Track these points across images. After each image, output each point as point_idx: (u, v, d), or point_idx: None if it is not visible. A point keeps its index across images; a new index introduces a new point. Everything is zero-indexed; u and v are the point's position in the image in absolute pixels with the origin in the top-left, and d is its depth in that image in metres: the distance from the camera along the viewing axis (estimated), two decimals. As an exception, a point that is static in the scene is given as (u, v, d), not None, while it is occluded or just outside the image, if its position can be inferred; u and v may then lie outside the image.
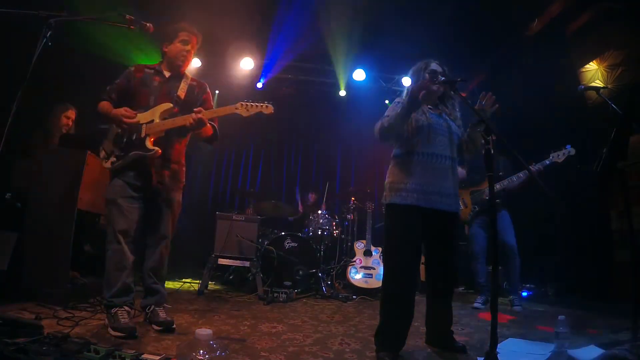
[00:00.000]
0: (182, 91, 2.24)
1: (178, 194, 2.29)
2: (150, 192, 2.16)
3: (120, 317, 1.96)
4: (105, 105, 2.16)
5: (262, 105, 1.98)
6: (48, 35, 1.67)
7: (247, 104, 1.98)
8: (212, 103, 2.37)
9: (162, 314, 2.13)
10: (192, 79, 2.35)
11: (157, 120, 2.10)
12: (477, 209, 3.56)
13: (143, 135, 2.08)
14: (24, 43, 2.05)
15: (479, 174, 3.44)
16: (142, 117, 2.13)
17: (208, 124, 2.13)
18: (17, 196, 2.79)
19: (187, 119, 2.04)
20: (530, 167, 3.22)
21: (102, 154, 2.19)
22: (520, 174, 3.33)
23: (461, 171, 3.35)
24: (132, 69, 2.27)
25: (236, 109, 1.99)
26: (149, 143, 2.06)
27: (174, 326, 2.10)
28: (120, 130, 2.15)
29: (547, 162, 3.14)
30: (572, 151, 3.12)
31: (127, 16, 1.88)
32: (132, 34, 2.02)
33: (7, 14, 1.68)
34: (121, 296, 2.05)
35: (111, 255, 2.07)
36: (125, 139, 2.13)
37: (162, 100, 2.17)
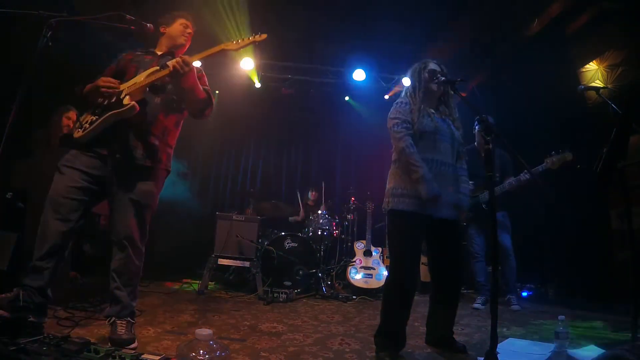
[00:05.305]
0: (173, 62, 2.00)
1: (149, 185, 1.92)
2: (113, 162, 1.86)
3: (8, 297, 1.69)
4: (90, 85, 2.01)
5: (253, 37, 1.79)
6: (48, 35, 1.66)
7: (239, 39, 1.80)
8: (205, 81, 2.15)
9: (120, 329, 1.77)
10: None
11: (140, 80, 1.91)
12: (471, 215, 3.57)
13: (123, 95, 1.88)
14: (24, 43, 2.04)
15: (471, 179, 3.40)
16: (125, 84, 1.94)
17: (193, 75, 1.90)
18: (17, 196, 2.78)
19: (171, 64, 1.80)
20: (522, 176, 3.20)
21: (77, 128, 1.96)
22: (513, 181, 3.29)
23: None
24: (123, 54, 2.15)
25: (226, 45, 1.81)
26: (126, 100, 1.85)
27: (134, 346, 1.75)
28: (100, 100, 1.92)
29: (540, 169, 3.03)
30: (569, 156, 2.94)
31: (128, 16, 1.88)
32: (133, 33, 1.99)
33: (7, 14, 1.69)
34: (28, 275, 1.76)
35: None
36: (105, 103, 1.91)
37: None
